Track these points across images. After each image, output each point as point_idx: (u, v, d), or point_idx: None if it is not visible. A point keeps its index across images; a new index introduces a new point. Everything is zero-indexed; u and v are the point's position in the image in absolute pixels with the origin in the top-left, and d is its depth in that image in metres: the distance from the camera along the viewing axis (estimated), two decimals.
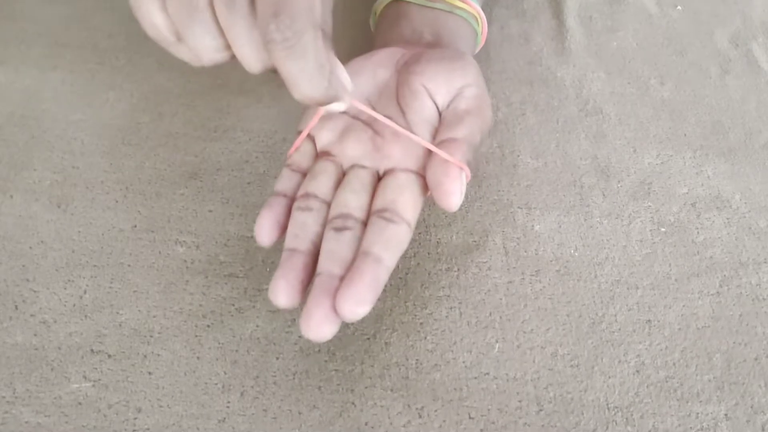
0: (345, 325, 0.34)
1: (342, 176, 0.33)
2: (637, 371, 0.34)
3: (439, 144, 0.32)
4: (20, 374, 0.32)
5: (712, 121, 0.45)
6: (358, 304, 0.27)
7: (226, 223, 0.38)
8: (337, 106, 0.28)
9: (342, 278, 0.29)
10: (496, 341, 0.34)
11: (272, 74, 0.27)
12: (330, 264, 0.29)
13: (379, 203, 0.31)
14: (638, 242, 0.38)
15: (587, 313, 0.35)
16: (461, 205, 0.39)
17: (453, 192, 0.30)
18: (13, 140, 0.41)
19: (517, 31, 0.51)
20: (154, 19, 0.27)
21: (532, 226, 0.39)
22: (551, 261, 0.37)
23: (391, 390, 0.32)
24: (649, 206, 0.40)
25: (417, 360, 0.33)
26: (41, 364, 0.32)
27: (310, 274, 0.30)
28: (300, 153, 0.34)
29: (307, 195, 0.32)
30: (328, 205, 0.32)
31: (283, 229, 0.31)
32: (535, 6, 0.52)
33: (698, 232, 0.39)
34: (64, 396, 0.31)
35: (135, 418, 0.31)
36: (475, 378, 0.33)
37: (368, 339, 0.34)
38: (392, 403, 0.32)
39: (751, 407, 0.33)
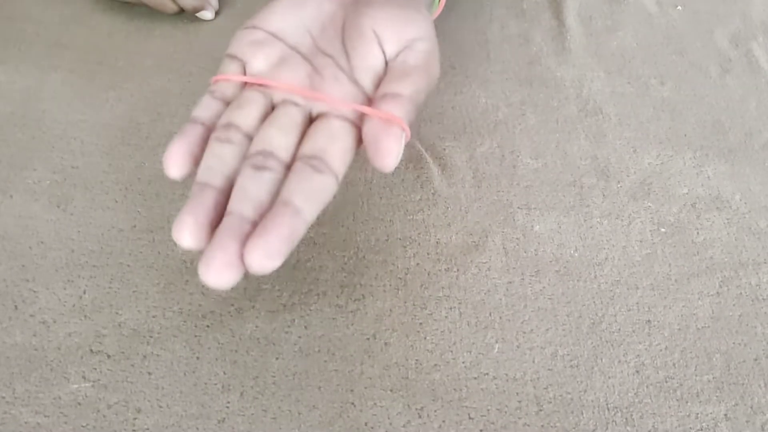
0: (345, 325, 0.34)
1: (270, 110, 0.31)
2: (637, 371, 0.34)
3: (382, 97, 0.30)
4: (20, 374, 0.32)
5: (712, 121, 0.45)
6: (269, 257, 0.25)
7: None
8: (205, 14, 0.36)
9: (253, 223, 0.26)
10: (496, 341, 0.34)
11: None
12: (242, 205, 0.27)
13: (307, 148, 0.29)
14: (638, 242, 0.38)
15: (587, 313, 0.35)
16: (461, 205, 0.39)
17: (390, 151, 0.28)
18: (13, 140, 0.41)
19: (517, 31, 0.51)
20: None
21: (532, 226, 0.39)
22: (551, 261, 0.37)
23: (391, 390, 0.32)
24: (649, 206, 0.40)
25: (417, 360, 0.33)
26: (41, 364, 0.32)
27: (221, 212, 0.27)
28: (224, 79, 0.32)
29: (228, 125, 0.29)
30: (251, 139, 0.29)
31: (197, 161, 0.29)
32: (535, 6, 0.52)
33: (698, 233, 0.39)
34: (64, 396, 0.31)
35: (134, 419, 0.31)
36: (475, 378, 0.33)
37: (368, 339, 0.34)
38: (392, 404, 0.32)
39: (751, 407, 0.33)
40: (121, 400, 0.31)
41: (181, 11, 0.48)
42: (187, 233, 0.26)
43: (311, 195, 0.27)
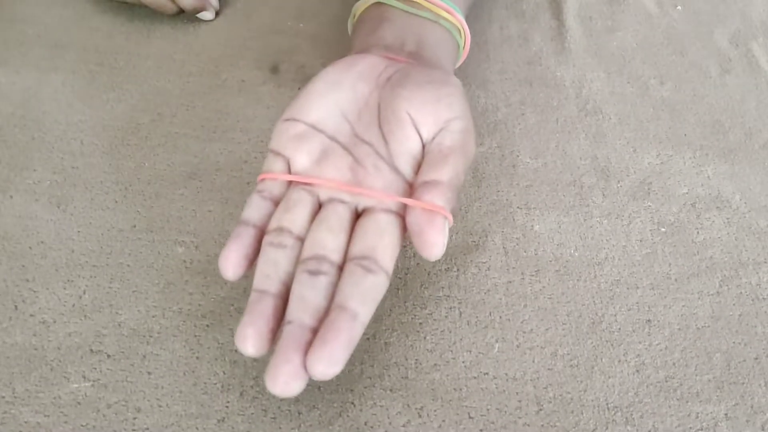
0: None
1: (318, 208, 0.31)
2: (637, 371, 0.34)
3: (423, 185, 0.31)
4: (20, 374, 0.32)
5: (712, 121, 0.45)
6: (331, 365, 0.26)
7: (225, 223, 0.38)
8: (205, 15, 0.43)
9: (313, 329, 0.27)
10: (496, 341, 0.34)
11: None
12: (302, 312, 0.27)
13: (357, 249, 0.29)
14: (638, 242, 0.38)
15: (587, 313, 0.35)
16: (461, 205, 0.39)
17: (436, 242, 0.29)
18: (13, 141, 0.42)
19: (517, 31, 0.51)
20: None
21: (532, 226, 0.39)
22: (551, 261, 0.37)
23: (391, 390, 0.32)
24: (649, 206, 0.40)
25: (416, 360, 0.33)
26: (40, 364, 0.32)
27: (280, 318, 0.28)
28: (272, 178, 0.32)
29: (280, 230, 0.30)
30: (302, 240, 0.30)
31: (251, 262, 0.30)
32: (535, 6, 0.52)
33: (698, 232, 0.39)
34: (64, 396, 0.31)
35: (134, 418, 0.31)
36: (475, 378, 0.33)
37: (368, 339, 0.34)
38: (392, 403, 0.32)
39: (751, 407, 0.33)
40: (121, 399, 0.31)
41: (181, 12, 0.48)
42: (250, 344, 0.27)
43: (366, 297, 0.28)
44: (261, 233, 0.31)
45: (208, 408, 0.31)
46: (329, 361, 0.26)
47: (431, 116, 0.33)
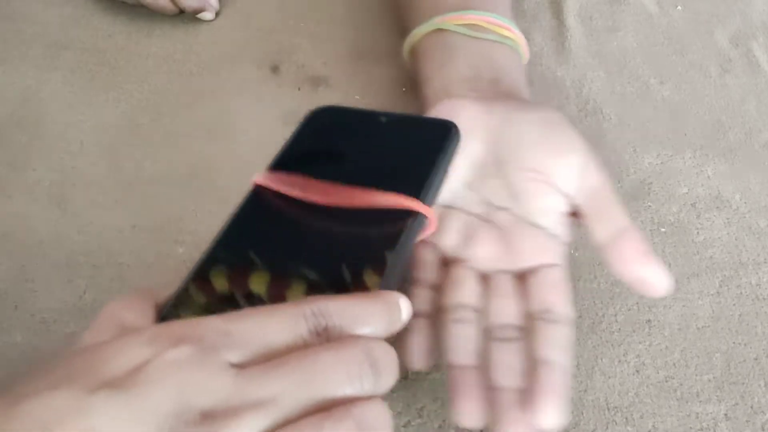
0: None
1: (482, 279, 0.32)
2: (637, 371, 0.34)
3: (615, 240, 0.31)
4: (20, 374, 0.32)
5: (712, 121, 0.45)
6: (557, 415, 0.28)
7: None
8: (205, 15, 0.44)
9: (522, 390, 0.29)
10: None
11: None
12: (510, 378, 0.29)
13: (536, 305, 0.31)
14: None
15: (587, 313, 0.35)
16: None
17: (661, 283, 0.31)
18: (13, 140, 0.41)
19: None
20: None
21: None
22: None
23: (391, 390, 0.32)
24: (649, 206, 0.40)
25: None
26: (41, 363, 0.32)
27: (485, 386, 0.29)
28: (424, 267, 0.33)
29: (460, 306, 0.31)
30: (479, 312, 0.31)
31: (432, 349, 0.31)
32: (535, 6, 0.52)
33: (698, 232, 0.39)
34: None
35: None
36: None
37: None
38: (392, 403, 0.32)
39: (751, 407, 0.33)
40: None
41: (181, 12, 0.48)
42: (474, 417, 0.28)
43: (562, 347, 0.29)
44: (433, 321, 0.31)
45: None
46: (555, 411, 0.28)
47: (564, 167, 0.33)
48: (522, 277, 0.32)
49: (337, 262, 0.26)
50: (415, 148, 0.31)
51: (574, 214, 0.33)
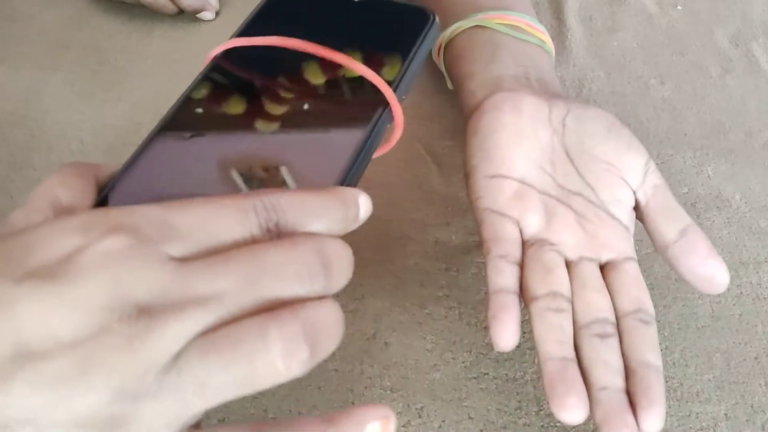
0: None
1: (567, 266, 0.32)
2: None
3: (682, 238, 0.32)
4: None
5: (712, 121, 0.45)
6: (662, 421, 0.28)
7: None
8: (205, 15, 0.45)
9: (625, 389, 0.28)
10: None
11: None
12: (613, 377, 0.28)
13: (627, 303, 0.30)
14: (638, 242, 0.38)
15: None
16: (460, 205, 0.39)
17: (724, 280, 0.31)
18: (13, 140, 0.42)
19: None
20: None
21: None
22: None
23: (391, 390, 0.32)
24: None
25: (416, 360, 0.33)
26: None
27: (581, 376, 0.29)
28: (507, 240, 0.32)
29: (554, 294, 0.30)
30: (570, 303, 0.31)
31: (520, 329, 0.29)
32: (535, 6, 0.52)
33: None
34: None
35: None
36: (475, 378, 0.33)
37: (367, 339, 0.34)
38: (391, 403, 0.32)
39: (751, 407, 0.33)
40: None
41: (181, 12, 0.48)
42: (577, 413, 0.27)
43: (656, 348, 0.29)
44: (518, 297, 0.30)
45: (208, 408, 0.31)
46: (661, 418, 0.28)
47: (632, 162, 0.34)
48: (603, 268, 0.32)
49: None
50: (390, 34, 0.29)
51: (635, 210, 0.34)
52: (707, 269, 0.31)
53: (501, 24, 0.39)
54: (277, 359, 0.19)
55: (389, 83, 0.26)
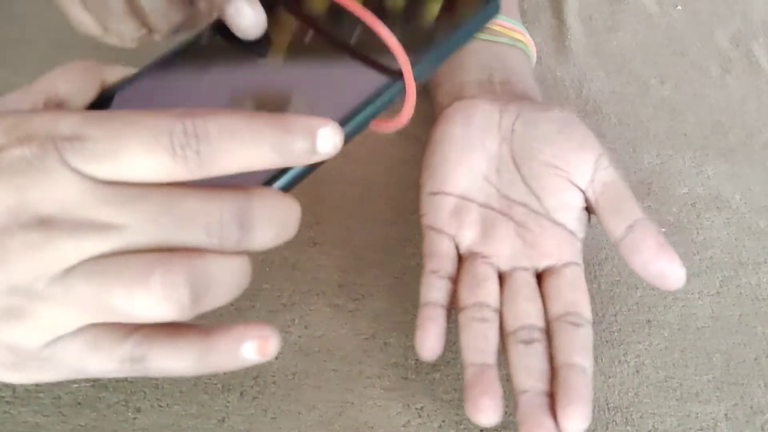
0: (344, 325, 0.34)
1: (500, 278, 0.33)
2: (637, 371, 0.34)
3: (630, 233, 0.32)
4: None
5: (712, 121, 0.45)
6: (583, 420, 0.28)
7: None
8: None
9: (547, 393, 0.29)
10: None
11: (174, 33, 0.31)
12: (534, 381, 0.29)
13: (558, 307, 0.31)
14: None
15: None
16: None
17: (678, 276, 0.31)
18: None
19: None
20: (81, 19, 0.32)
21: None
22: None
23: (390, 390, 0.32)
24: (649, 206, 0.40)
25: (416, 360, 0.33)
26: None
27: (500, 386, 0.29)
28: (441, 256, 0.33)
29: (480, 305, 0.31)
30: (498, 312, 0.31)
31: (444, 340, 0.31)
32: (535, 6, 0.52)
33: (698, 232, 0.39)
34: (64, 396, 0.31)
35: (134, 418, 0.31)
36: None
37: (367, 339, 0.34)
38: (391, 403, 0.32)
39: (751, 407, 0.33)
40: (121, 399, 0.31)
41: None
42: (490, 414, 0.28)
43: (585, 350, 0.30)
44: (447, 311, 0.32)
45: (208, 408, 0.31)
46: (582, 417, 0.28)
47: (581, 162, 0.33)
48: (541, 275, 0.32)
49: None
50: (436, 6, 0.27)
51: (588, 209, 0.34)
52: (658, 266, 0.31)
53: None
54: (153, 298, 0.19)
55: (413, 57, 0.25)
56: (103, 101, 0.23)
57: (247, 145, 0.20)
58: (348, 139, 0.23)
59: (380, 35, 0.25)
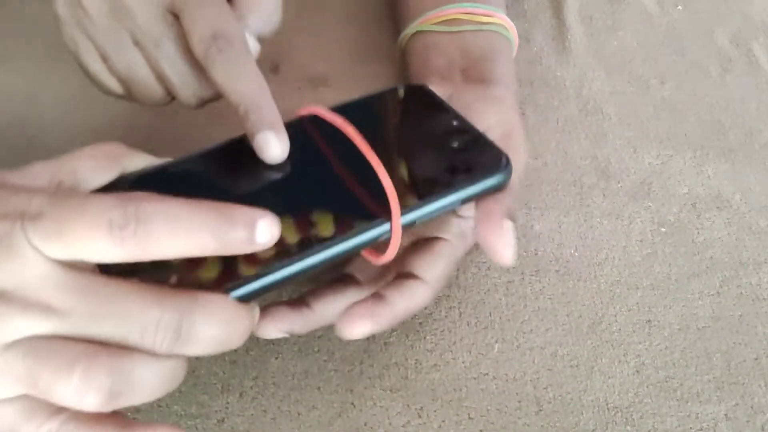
0: None
1: None
2: (637, 371, 0.34)
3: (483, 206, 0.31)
4: None
5: (712, 121, 0.45)
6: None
7: None
8: None
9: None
10: (496, 341, 0.34)
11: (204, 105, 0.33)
12: None
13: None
14: (638, 242, 0.38)
15: (587, 313, 0.35)
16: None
17: (506, 252, 0.30)
18: (13, 141, 0.41)
19: (518, 30, 0.51)
20: (103, 79, 0.33)
21: (532, 225, 0.39)
22: (551, 261, 0.37)
23: (390, 390, 0.32)
24: (649, 206, 0.40)
25: (416, 360, 0.33)
26: None
27: None
28: None
29: None
30: None
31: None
32: (536, 6, 0.52)
33: (698, 232, 0.39)
34: None
35: (134, 418, 0.31)
36: (475, 378, 0.33)
37: (367, 339, 0.34)
38: (391, 404, 0.32)
39: (751, 407, 0.33)
40: None
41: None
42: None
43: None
44: None
45: (208, 408, 0.31)
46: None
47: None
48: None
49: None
50: (462, 165, 0.30)
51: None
52: (490, 240, 0.30)
53: (436, 23, 0.40)
54: (72, 389, 0.20)
55: (404, 203, 0.27)
56: (114, 187, 0.24)
57: (187, 231, 0.21)
58: (325, 264, 0.26)
59: (380, 180, 0.27)
